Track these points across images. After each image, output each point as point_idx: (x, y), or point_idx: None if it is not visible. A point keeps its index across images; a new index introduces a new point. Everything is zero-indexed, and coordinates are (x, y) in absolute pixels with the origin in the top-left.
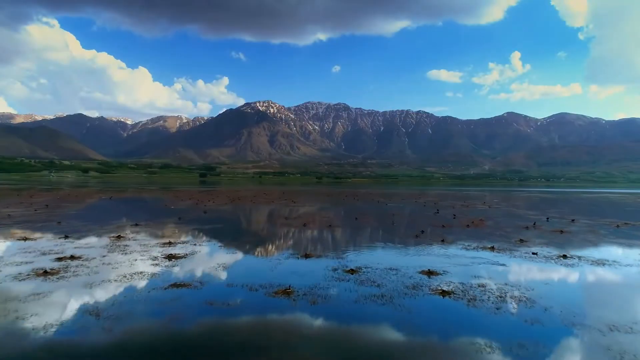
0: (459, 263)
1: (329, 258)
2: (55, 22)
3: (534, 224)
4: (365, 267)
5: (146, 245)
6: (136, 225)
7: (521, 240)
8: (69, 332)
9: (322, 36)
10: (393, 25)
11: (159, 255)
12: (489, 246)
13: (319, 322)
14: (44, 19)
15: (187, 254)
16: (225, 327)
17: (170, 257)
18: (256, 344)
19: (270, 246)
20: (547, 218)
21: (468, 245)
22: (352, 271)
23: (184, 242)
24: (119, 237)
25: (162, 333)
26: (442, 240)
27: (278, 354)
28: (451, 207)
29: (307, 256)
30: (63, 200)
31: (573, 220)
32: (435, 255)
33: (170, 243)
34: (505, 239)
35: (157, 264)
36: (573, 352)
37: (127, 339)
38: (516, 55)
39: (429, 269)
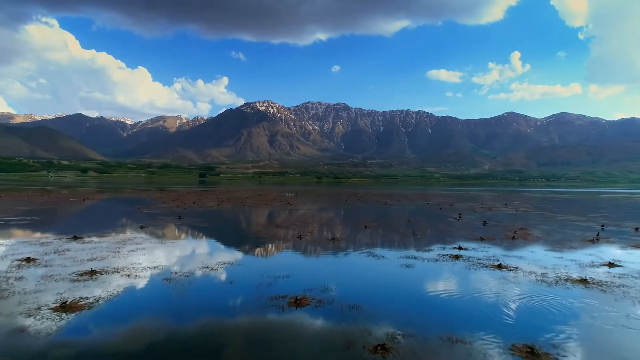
0: (566, 320)
1: (334, 308)
2: (54, 22)
3: (598, 235)
4: (403, 335)
5: (53, 277)
6: (74, 238)
7: (610, 264)
8: None
9: (321, 36)
10: (393, 25)
11: (50, 302)
12: (576, 277)
13: None
14: (44, 19)
15: (98, 300)
16: None
17: (65, 307)
18: None
19: (243, 280)
20: (602, 226)
21: (543, 275)
22: (382, 350)
23: (114, 271)
24: (28, 260)
25: None
26: (499, 265)
27: None
28: (471, 209)
29: (298, 304)
30: (24, 202)
31: (637, 229)
32: (507, 299)
33: (92, 273)
34: (585, 262)
35: (26, 329)
36: None
37: None
38: (516, 55)
39: (527, 345)
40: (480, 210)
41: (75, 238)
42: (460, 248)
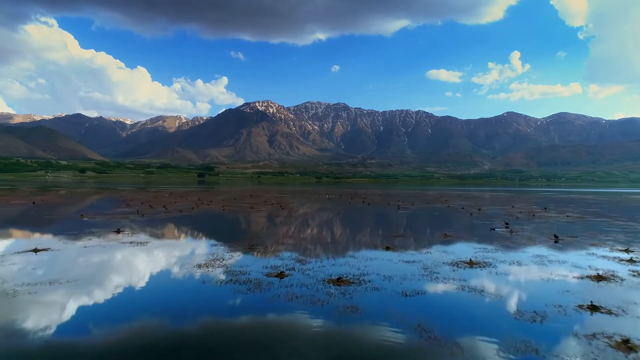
0: None
1: None
2: (54, 21)
3: None
4: None
5: None
6: None
7: None
8: None
9: (321, 36)
10: (392, 25)
11: None
12: None
13: None
14: (43, 19)
15: None
16: None
17: None
18: None
19: None
20: None
21: None
22: None
23: None
24: None
25: None
26: None
27: None
28: (510, 216)
29: None
30: None
31: None
32: None
33: None
34: None
35: None
36: None
37: None
38: (516, 55)
39: None
40: (522, 217)
41: None
42: (593, 307)
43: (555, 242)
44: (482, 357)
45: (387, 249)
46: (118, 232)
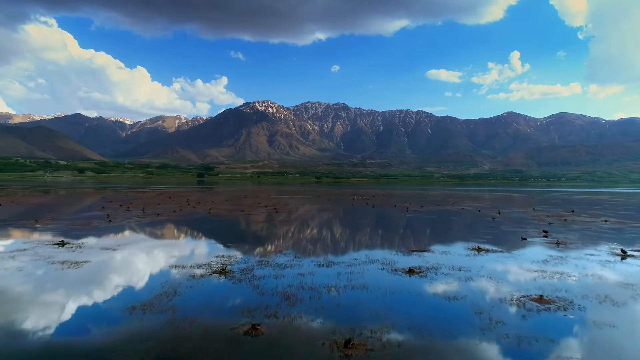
0: None
1: None
2: (53, 21)
3: None
4: None
5: None
6: None
7: None
8: None
9: (321, 36)
10: (392, 25)
11: None
12: None
13: None
14: (42, 19)
15: None
16: None
17: None
18: None
19: None
20: None
21: None
22: None
23: None
24: None
25: None
26: None
27: None
28: (540, 221)
29: None
30: None
31: None
32: None
33: None
34: None
35: None
36: None
37: None
38: (515, 55)
39: None
40: (554, 223)
41: None
42: None
43: (623, 258)
44: None
45: (411, 272)
46: (62, 244)
